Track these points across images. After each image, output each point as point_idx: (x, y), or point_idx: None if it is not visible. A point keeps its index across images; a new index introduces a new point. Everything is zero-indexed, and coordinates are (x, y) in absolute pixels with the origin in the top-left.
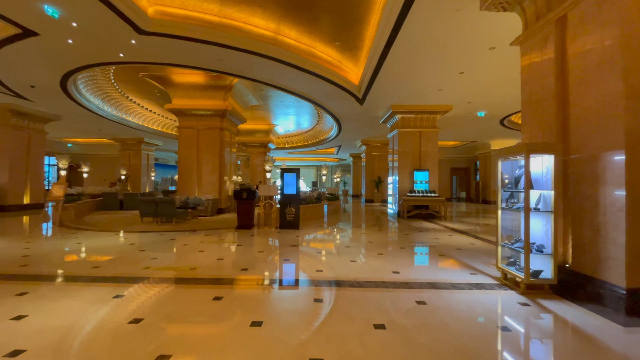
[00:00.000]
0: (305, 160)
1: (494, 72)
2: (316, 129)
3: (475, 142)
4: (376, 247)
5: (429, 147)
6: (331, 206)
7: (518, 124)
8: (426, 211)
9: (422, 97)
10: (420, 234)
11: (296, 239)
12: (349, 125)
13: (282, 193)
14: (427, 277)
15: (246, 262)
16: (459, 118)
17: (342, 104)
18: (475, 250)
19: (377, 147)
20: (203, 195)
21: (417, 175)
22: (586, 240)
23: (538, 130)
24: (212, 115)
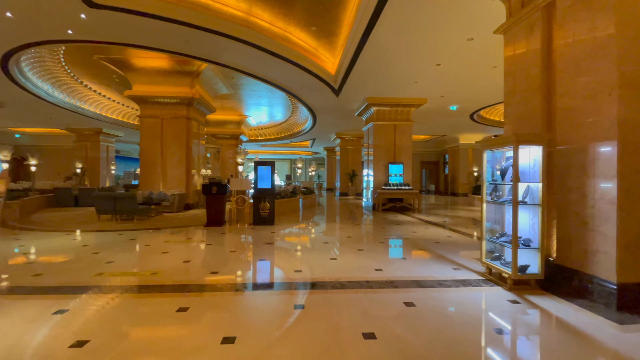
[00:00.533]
0: (278, 153)
1: (470, 64)
2: (290, 121)
3: (444, 136)
4: (355, 243)
5: (403, 140)
6: (307, 200)
7: (487, 119)
8: (400, 204)
9: (397, 90)
10: (397, 227)
11: (271, 236)
12: (324, 118)
13: (256, 187)
14: (411, 275)
15: (216, 264)
16: (432, 112)
17: (318, 94)
18: (453, 243)
19: (352, 141)
20: (168, 190)
21: (391, 169)
22: (572, 233)
23: (522, 122)
24: (178, 104)
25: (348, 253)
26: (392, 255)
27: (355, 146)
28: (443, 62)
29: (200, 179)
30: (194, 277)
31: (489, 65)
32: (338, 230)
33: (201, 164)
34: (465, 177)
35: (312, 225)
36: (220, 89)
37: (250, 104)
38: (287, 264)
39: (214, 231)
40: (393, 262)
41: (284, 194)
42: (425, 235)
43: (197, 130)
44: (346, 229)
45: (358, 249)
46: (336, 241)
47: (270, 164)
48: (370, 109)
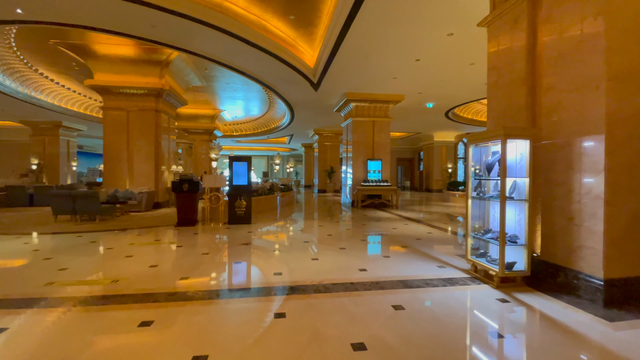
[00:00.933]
0: (255, 149)
1: (449, 60)
2: (267, 116)
3: (419, 134)
4: (336, 241)
5: (381, 136)
6: (285, 197)
7: (461, 117)
8: (379, 200)
9: (376, 86)
10: (377, 223)
11: (248, 236)
12: (302, 114)
13: (231, 184)
14: (396, 274)
15: (187, 269)
16: (409, 109)
17: (296, 88)
18: (434, 240)
19: (330, 137)
20: (136, 187)
21: (370, 165)
22: (557, 228)
23: (505, 116)
24: (146, 95)
25: (330, 252)
26: (375, 253)
27: (334, 143)
28: (422, 57)
29: (170, 176)
30: (161, 284)
31: (467, 62)
32: (318, 228)
33: (172, 159)
34: (439, 173)
35: (291, 224)
36: (193, 81)
37: (224, 98)
38: (266, 266)
39: (185, 231)
40: (377, 260)
41: (261, 191)
42: (405, 232)
43: (167, 124)
44: (326, 227)
45: (340, 247)
46: (317, 240)
47: (247, 160)
48: (349, 105)
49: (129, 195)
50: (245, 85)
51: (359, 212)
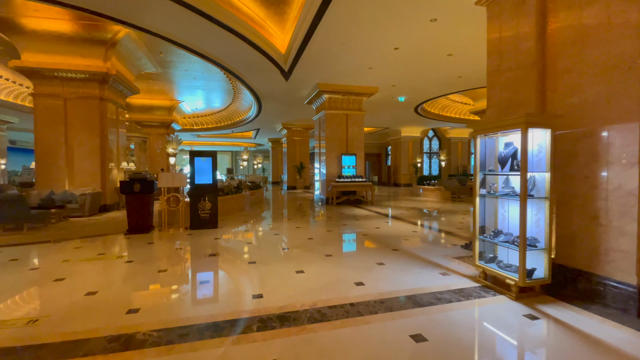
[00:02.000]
0: (218, 145)
1: (428, 49)
2: (231, 109)
3: (387, 129)
4: (320, 245)
5: (355, 130)
6: (254, 196)
7: (430, 112)
8: (354, 197)
9: (351, 76)
10: (358, 222)
11: (215, 244)
12: (271, 106)
13: (193, 183)
14: (399, 287)
15: (137, 296)
16: (380, 103)
17: (265, 77)
18: (422, 239)
19: (299, 132)
20: (78, 188)
21: (344, 160)
22: (577, 229)
23: (510, 105)
24: (88, 80)
25: (316, 261)
26: (366, 259)
27: (303, 137)
28: (402, 45)
29: (121, 174)
30: (99, 322)
31: (445, 52)
32: (295, 230)
33: (122, 155)
34: (406, 168)
35: (263, 226)
36: (145, 66)
37: (183, 87)
38: (241, 285)
39: (138, 241)
40: (371, 269)
41: (227, 190)
42: (390, 231)
43: (116, 114)
44: (305, 229)
45: (326, 254)
46: (298, 245)
47: (211, 155)
48: (321, 96)
49: (68, 198)
50: (207, 73)
51: (334, 209)
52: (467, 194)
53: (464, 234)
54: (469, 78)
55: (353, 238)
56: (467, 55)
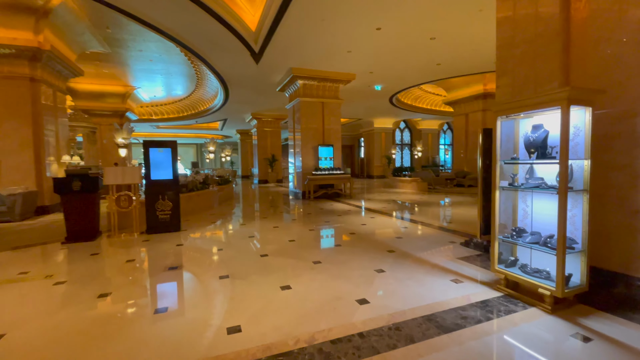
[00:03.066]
0: (180, 137)
1: (412, 30)
2: (195, 97)
3: (360, 120)
4: (305, 250)
5: (332, 120)
6: (223, 192)
7: (404, 103)
8: (332, 190)
9: (327, 61)
10: (340, 219)
11: (177, 252)
12: (239, 93)
13: (149, 179)
14: (411, 303)
15: (65, 341)
16: (356, 91)
17: (232, 59)
18: (416, 237)
19: (270, 122)
20: (5, 187)
21: (321, 151)
22: (613, 225)
23: (526, 82)
24: (14, 57)
25: (303, 271)
26: (363, 267)
27: (274, 128)
28: (385, 25)
29: (62, 170)
30: None
31: (429, 35)
32: (273, 231)
33: (64, 148)
34: (379, 159)
35: (235, 226)
36: (90, 44)
37: (139, 71)
38: (211, 314)
39: (78, 251)
40: (372, 280)
41: (191, 186)
42: (378, 228)
43: (54, 100)
44: (284, 228)
45: (313, 261)
46: (278, 251)
47: (171, 146)
48: (296, 83)
49: None
50: (165, 55)
51: (312, 204)
52: (441, 184)
53: (457, 228)
54: (447, 65)
55: (340, 238)
56: (450, 39)
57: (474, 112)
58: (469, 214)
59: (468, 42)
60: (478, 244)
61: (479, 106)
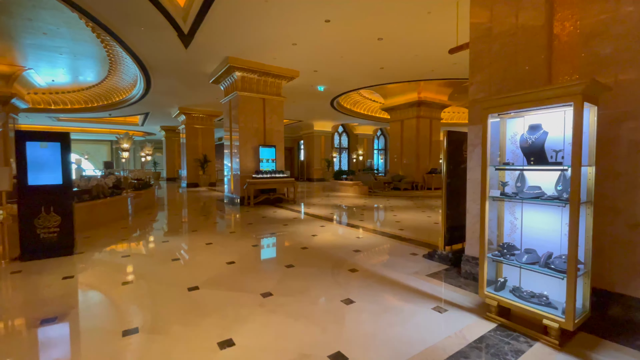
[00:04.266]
0: (90, 132)
1: (362, 26)
2: (108, 84)
3: (301, 122)
4: (249, 277)
5: (274, 118)
6: (141, 198)
7: (343, 107)
8: (274, 195)
9: (270, 53)
10: (287, 229)
11: (62, 290)
12: (164, 83)
13: (24, 185)
14: (400, 354)
15: None
16: (299, 91)
17: (155, 39)
18: (375, 249)
19: (202, 119)
20: None
21: (262, 153)
22: (609, 240)
23: (505, 79)
24: None
25: (250, 313)
26: (328, 298)
27: (207, 126)
28: (335, 17)
29: None
30: None
31: (376, 35)
32: (206, 249)
33: None
34: (319, 163)
35: (155, 245)
36: None
37: (29, 47)
38: None
39: None
40: (341, 317)
41: (97, 191)
42: (331, 238)
43: None
44: (219, 245)
45: (262, 292)
46: (213, 279)
47: (60, 139)
48: (233, 74)
49: None
50: (66, 28)
51: (253, 212)
52: (380, 188)
53: (413, 236)
54: (390, 70)
55: (292, 255)
56: (397, 41)
57: (408, 119)
58: (419, 219)
59: (413, 46)
60: (443, 257)
61: (414, 113)
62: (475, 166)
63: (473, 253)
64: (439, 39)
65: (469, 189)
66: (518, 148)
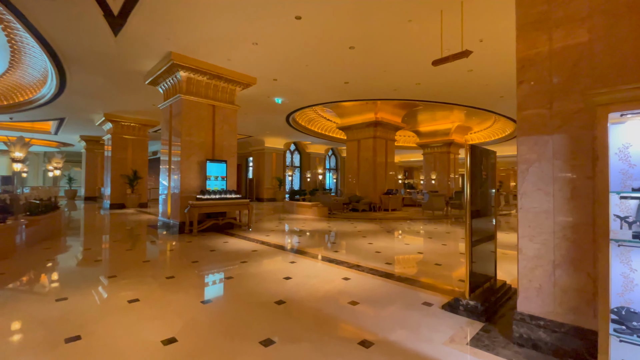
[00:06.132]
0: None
1: (337, 28)
2: (8, 80)
3: (251, 137)
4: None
5: (225, 129)
6: (39, 225)
7: (299, 124)
8: (224, 220)
9: (225, 52)
10: (248, 268)
11: None
12: (85, 80)
13: None
14: None
15: None
16: (253, 101)
17: (72, 17)
18: (375, 299)
19: (133, 128)
20: None
21: (211, 169)
22: None
23: (579, 62)
24: None
25: None
26: None
27: (139, 137)
28: (306, 15)
29: None
30: None
31: (348, 43)
32: (128, 312)
33: None
34: (269, 182)
35: (39, 309)
36: None
37: None
38: None
39: None
40: None
41: None
42: (311, 284)
43: None
44: (151, 304)
45: None
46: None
47: None
48: (176, 74)
49: None
50: None
51: (197, 243)
52: (339, 209)
53: (411, 274)
54: (355, 85)
55: (265, 318)
56: (370, 51)
57: (365, 139)
58: (397, 247)
59: (385, 57)
60: (471, 308)
61: (371, 133)
62: (532, 191)
63: (532, 310)
64: (418, 50)
65: (522, 222)
66: (633, 166)
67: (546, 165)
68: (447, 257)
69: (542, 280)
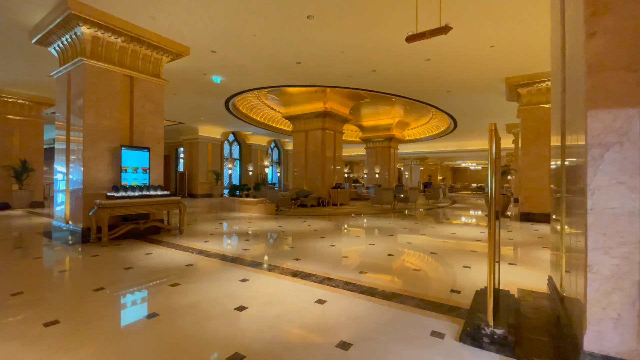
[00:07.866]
0: None
1: None
2: None
3: (182, 124)
4: None
5: (149, 108)
6: None
7: (240, 111)
8: (147, 223)
9: (146, 7)
10: (185, 298)
11: None
12: None
13: None
14: None
15: None
16: (185, 78)
17: None
18: (368, 331)
19: (22, 107)
20: None
21: (127, 158)
22: None
23: None
24: None
25: None
26: None
27: (31, 117)
28: None
29: None
30: None
31: (307, 11)
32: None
33: None
34: (204, 176)
35: None
36: None
37: None
38: None
39: None
40: None
41: None
42: (276, 314)
43: None
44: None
45: None
46: None
47: None
48: (76, 29)
49: None
50: None
51: (107, 257)
52: (287, 205)
53: (391, 287)
54: (308, 67)
55: None
56: (330, 23)
57: (313, 130)
58: (362, 249)
59: (345, 33)
60: (498, 339)
61: (319, 124)
62: (610, 185)
63: (606, 349)
64: (384, 25)
65: (593, 228)
66: None
67: (630, 149)
68: (421, 260)
69: (623, 309)
